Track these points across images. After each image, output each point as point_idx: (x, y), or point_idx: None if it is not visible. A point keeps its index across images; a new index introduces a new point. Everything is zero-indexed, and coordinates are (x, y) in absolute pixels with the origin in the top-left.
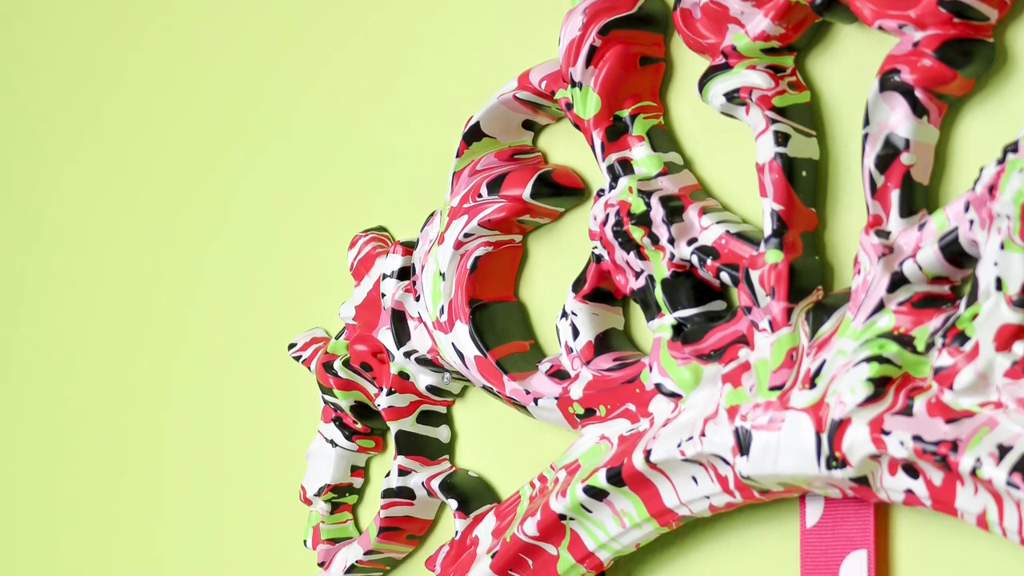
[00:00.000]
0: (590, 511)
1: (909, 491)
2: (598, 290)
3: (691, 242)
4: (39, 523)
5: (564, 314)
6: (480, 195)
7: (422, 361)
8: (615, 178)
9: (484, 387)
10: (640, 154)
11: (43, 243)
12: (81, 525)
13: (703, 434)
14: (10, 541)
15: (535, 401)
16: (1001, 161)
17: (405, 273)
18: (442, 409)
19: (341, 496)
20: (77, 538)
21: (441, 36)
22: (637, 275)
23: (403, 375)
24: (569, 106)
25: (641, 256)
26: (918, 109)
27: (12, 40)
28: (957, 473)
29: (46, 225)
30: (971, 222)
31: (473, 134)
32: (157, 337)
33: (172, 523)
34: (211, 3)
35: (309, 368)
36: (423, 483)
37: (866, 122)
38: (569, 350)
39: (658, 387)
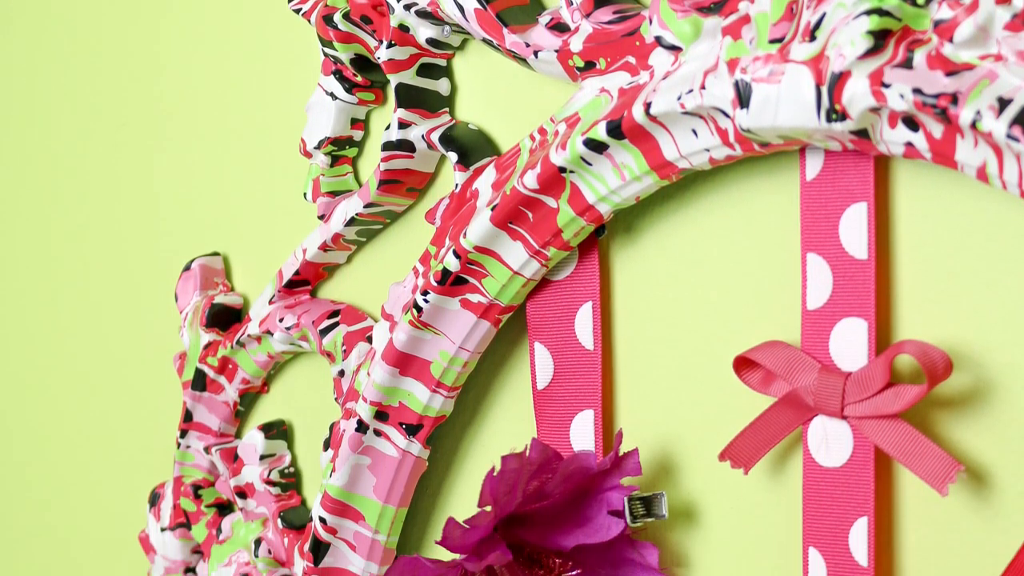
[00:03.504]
0: (590, 164)
1: (909, 144)
2: None
3: None
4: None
5: None
6: None
7: (422, 14)
8: None
9: (484, 40)
10: None
11: None
12: (81, 176)
13: (703, 87)
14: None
15: (535, 54)
16: None
17: None
18: (442, 62)
19: (341, 149)
20: (76, 192)
21: None
22: None
23: (403, 28)
24: None
25: None
26: None
27: None
28: (957, 126)
29: None
30: None
31: None
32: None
33: (171, 175)
34: None
35: (309, 21)
36: (423, 136)
37: None
38: (569, 2)
39: (658, 40)
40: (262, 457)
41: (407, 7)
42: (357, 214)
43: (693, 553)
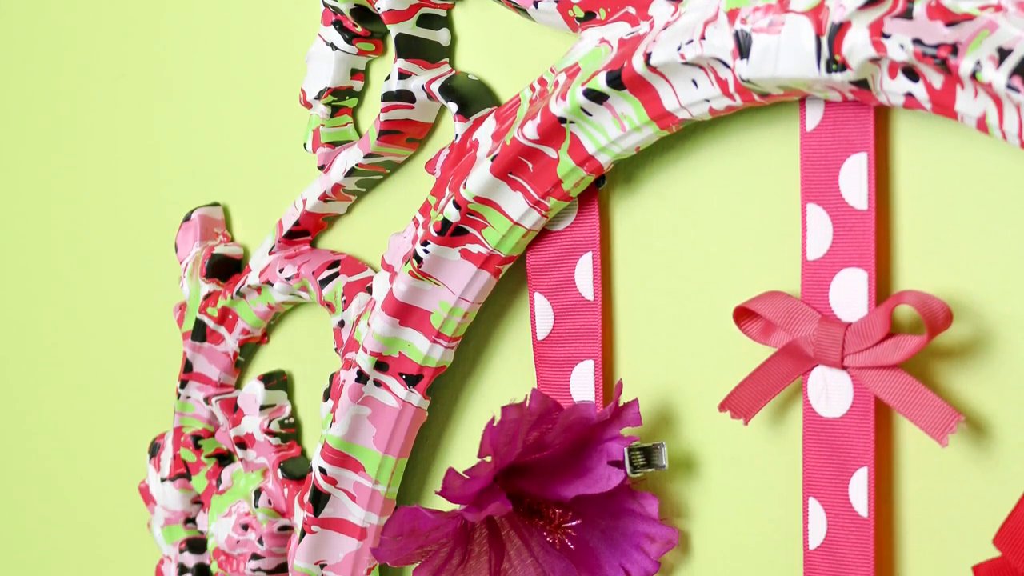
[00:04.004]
0: (590, 114)
1: (909, 94)
2: None
3: None
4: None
5: None
6: None
7: None
8: None
9: None
10: None
11: None
12: (81, 127)
13: (703, 37)
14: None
15: (535, 4)
16: None
17: None
18: (442, 12)
19: (341, 99)
20: (76, 143)
21: None
22: None
23: None
24: None
25: None
26: None
27: None
28: (957, 76)
29: None
30: None
31: None
32: None
33: (171, 126)
34: None
35: None
36: (423, 86)
37: None
38: None
39: None
40: (262, 407)
41: None
42: (357, 164)
43: (693, 503)
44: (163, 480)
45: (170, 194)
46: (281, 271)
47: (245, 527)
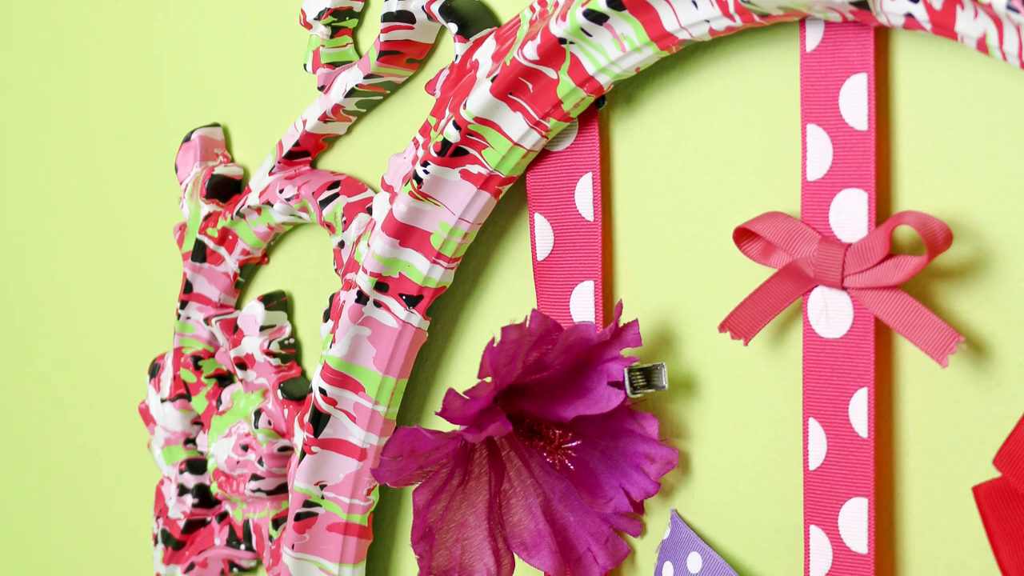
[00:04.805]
0: (590, 35)
1: (909, 15)
2: None
3: None
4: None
5: None
6: None
7: None
8: None
9: None
10: None
11: None
12: (82, 47)
13: None
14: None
15: None
16: None
17: None
18: None
19: (341, 20)
20: (76, 62)
21: None
22: None
23: None
24: None
25: None
26: None
27: None
28: None
29: None
30: None
31: None
32: None
33: (171, 46)
34: None
35: None
36: (423, 7)
37: None
38: None
39: None
40: (262, 328)
41: None
42: (357, 85)
43: (693, 424)
44: (163, 401)
45: (170, 114)
46: (281, 192)
47: (245, 448)
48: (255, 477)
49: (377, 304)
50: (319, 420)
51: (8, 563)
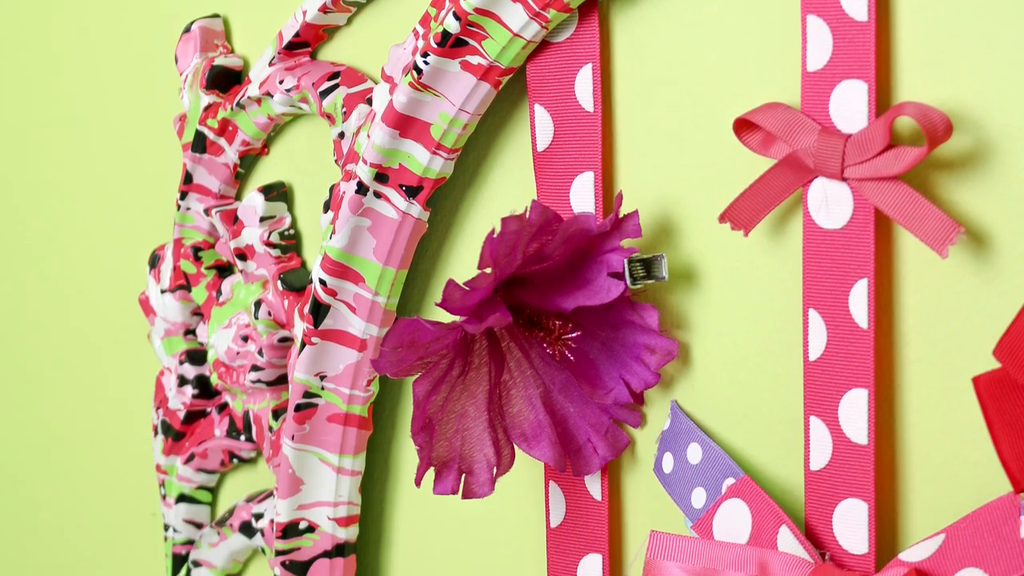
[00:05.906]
0: None
1: None
2: None
3: None
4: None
5: None
6: None
7: None
8: None
9: None
10: None
11: None
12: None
13: None
14: None
15: None
16: None
17: None
18: None
19: None
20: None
21: None
22: None
23: None
24: None
25: None
26: None
27: None
28: None
29: None
30: None
31: None
32: None
33: None
34: None
35: None
36: None
37: None
38: None
39: None
40: (262, 219)
41: None
42: None
43: (693, 315)
44: (163, 291)
45: (170, 5)
46: (281, 82)
47: (245, 339)
48: (255, 368)
49: (377, 195)
50: (319, 311)
51: (8, 456)
